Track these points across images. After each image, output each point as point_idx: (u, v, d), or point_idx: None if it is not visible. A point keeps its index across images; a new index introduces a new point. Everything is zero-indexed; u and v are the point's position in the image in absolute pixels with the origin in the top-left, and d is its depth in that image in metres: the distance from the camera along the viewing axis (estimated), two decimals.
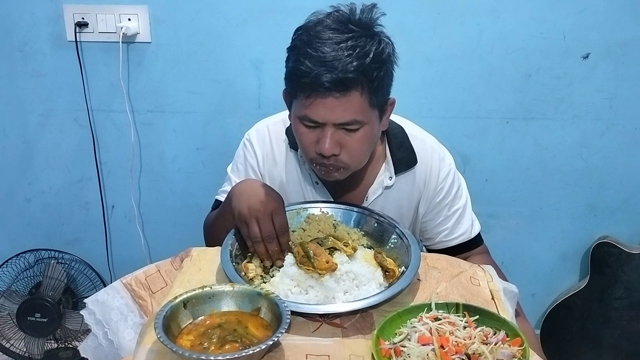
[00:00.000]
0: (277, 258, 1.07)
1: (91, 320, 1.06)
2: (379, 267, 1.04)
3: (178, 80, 1.84)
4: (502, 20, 1.72)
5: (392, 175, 1.26)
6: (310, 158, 1.14)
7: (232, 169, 1.37)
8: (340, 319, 0.95)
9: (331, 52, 1.01)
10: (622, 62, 1.75)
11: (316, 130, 1.09)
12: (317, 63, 1.01)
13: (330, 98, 1.03)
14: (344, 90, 1.03)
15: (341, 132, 1.08)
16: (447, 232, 1.31)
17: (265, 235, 1.05)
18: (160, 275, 1.09)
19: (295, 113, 1.11)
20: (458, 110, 1.83)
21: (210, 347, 0.84)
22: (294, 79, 1.07)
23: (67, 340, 2.02)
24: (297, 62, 1.04)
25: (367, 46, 1.03)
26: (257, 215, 1.05)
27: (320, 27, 1.05)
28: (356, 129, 1.08)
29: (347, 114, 1.05)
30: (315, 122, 1.08)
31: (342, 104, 1.04)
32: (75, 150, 1.95)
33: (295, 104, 1.11)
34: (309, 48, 1.03)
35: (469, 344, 0.85)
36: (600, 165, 1.88)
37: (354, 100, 1.05)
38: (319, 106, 1.05)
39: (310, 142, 1.11)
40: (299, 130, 1.12)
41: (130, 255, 2.03)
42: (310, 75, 1.02)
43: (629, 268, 1.88)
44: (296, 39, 1.08)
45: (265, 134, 1.32)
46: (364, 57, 1.02)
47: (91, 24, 1.77)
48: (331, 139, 1.07)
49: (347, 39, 1.03)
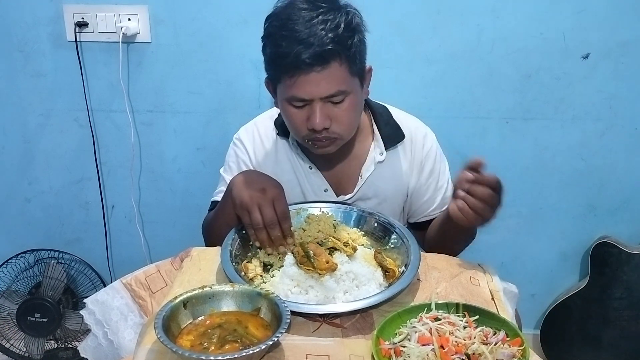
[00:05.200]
0: (280, 244, 1.07)
1: (91, 320, 1.06)
2: (379, 267, 1.04)
3: (178, 80, 1.84)
4: (502, 20, 1.72)
5: (382, 151, 1.30)
6: (303, 136, 1.18)
7: (225, 169, 1.38)
8: (340, 319, 0.95)
9: (305, 30, 1.06)
10: (622, 62, 1.75)
11: (305, 109, 1.14)
12: (294, 42, 1.06)
13: (312, 73, 1.08)
14: (324, 64, 1.07)
15: (329, 105, 1.13)
16: (435, 206, 1.36)
17: (268, 221, 1.06)
18: (160, 275, 1.09)
19: (282, 96, 1.15)
20: (458, 110, 1.83)
21: (210, 347, 0.84)
22: (275, 63, 1.12)
23: (67, 340, 2.02)
24: (275, 45, 1.10)
25: (337, 18, 1.08)
26: (259, 202, 1.07)
27: (290, 9, 1.10)
28: (342, 100, 1.13)
29: (331, 86, 1.10)
30: (302, 100, 1.12)
31: (324, 77, 1.09)
32: (75, 150, 1.95)
33: (280, 88, 1.15)
34: (283, 30, 1.08)
35: (469, 344, 0.85)
36: (600, 166, 1.88)
37: (335, 72, 1.09)
38: (303, 83, 1.09)
39: (300, 120, 1.15)
40: (288, 111, 1.16)
41: (130, 255, 2.03)
42: (291, 55, 1.06)
43: (629, 268, 1.88)
44: (269, 26, 1.13)
45: (253, 129, 1.37)
46: (336, 28, 1.07)
47: (91, 24, 1.77)
48: (320, 112, 1.12)
49: (317, 14, 1.07)
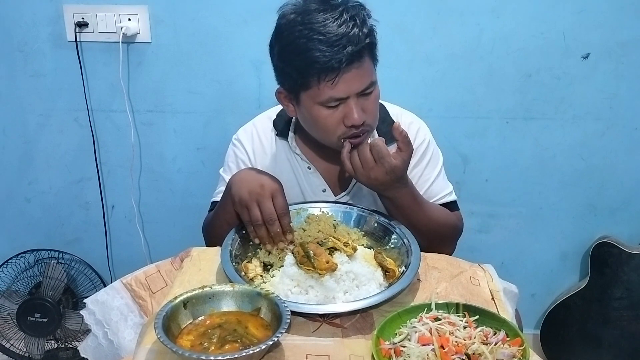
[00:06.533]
0: (280, 240, 1.07)
1: (91, 320, 1.06)
2: (379, 267, 1.04)
3: (178, 80, 1.84)
4: (502, 20, 1.72)
5: None
6: (339, 135, 1.15)
7: (224, 169, 1.38)
8: (340, 319, 0.95)
9: (336, 30, 1.05)
10: (622, 62, 1.75)
11: (339, 108, 1.13)
12: (327, 45, 1.05)
13: (352, 71, 1.08)
14: (360, 59, 1.09)
15: (362, 99, 1.13)
16: None
17: (267, 216, 1.06)
18: (160, 275, 1.09)
19: (314, 101, 1.12)
20: (458, 110, 1.83)
21: (210, 347, 0.84)
22: (309, 69, 1.08)
23: (67, 340, 2.02)
24: (306, 51, 1.06)
25: (359, 13, 1.09)
26: (258, 198, 1.07)
27: (306, 15, 1.07)
28: (371, 91, 1.14)
29: (365, 79, 1.11)
30: (339, 100, 1.11)
31: (360, 72, 1.10)
32: (75, 150, 1.95)
33: (308, 94, 1.12)
34: (313, 35, 1.06)
35: (469, 344, 0.85)
36: (600, 165, 1.88)
37: (367, 65, 1.11)
38: (341, 83, 1.09)
39: (337, 121, 1.14)
40: (320, 115, 1.14)
41: (130, 255, 2.03)
42: (330, 57, 1.05)
43: (629, 268, 1.88)
44: (288, 36, 1.09)
45: (252, 130, 1.37)
46: (363, 24, 1.08)
47: (91, 24, 1.77)
48: (357, 107, 1.12)
49: (340, 13, 1.07)
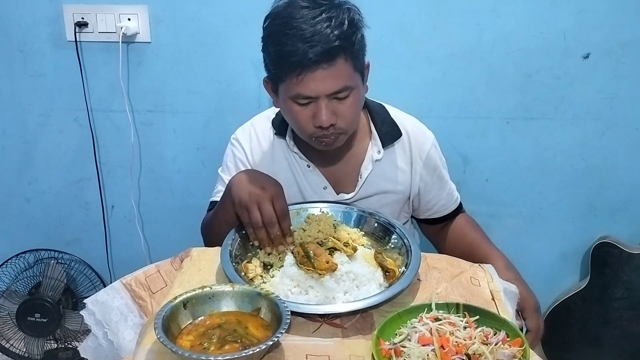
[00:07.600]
0: (279, 243, 1.07)
1: (91, 320, 1.06)
2: (379, 268, 1.04)
3: (178, 80, 1.83)
4: (502, 20, 1.72)
5: (380, 149, 1.31)
6: (309, 134, 1.18)
7: (223, 169, 1.39)
8: (340, 319, 0.95)
9: (310, 28, 1.07)
10: (623, 62, 1.75)
11: (309, 106, 1.14)
12: (299, 40, 1.06)
13: (319, 71, 1.08)
14: (330, 61, 1.08)
15: (334, 102, 1.14)
16: (443, 202, 1.39)
17: (267, 219, 1.06)
18: (160, 276, 1.09)
19: (287, 95, 1.14)
20: (458, 110, 1.83)
21: (210, 347, 0.84)
22: (280, 62, 1.11)
23: (67, 340, 2.02)
24: (279, 44, 1.09)
25: (340, 15, 1.09)
26: (258, 200, 1.07)
27: (291, 8, 1.10)
28: (347, 96, 1.14)
29: (337, 82, 1.11)
30: (308, 98, 1.13)
31: (330, 74, 1.09)
32: (75, 150, 1.95)
33: (283, 87, 1.15)
34: (287, 29, 1.08)
35: (469, 344, 0.85)
36: (600, 166, 1.88)
37: (341, 68, 1.10)
38: (309, 81, 1.09)
39: (306, 118, 1.15)
40: (292, 110, 1.16)
41: (130, 256, 2.03)
42: (298, 53, 1.07)
43: (629, 268, 1.87)
44: (270, 25, 1.13)
45: (250, 129, 1.38)
46: (340, 25, 1.08)
47: (91, 24, 1.77)
48: (326, 109, 1.12)
49: (321, 12, 1.08)
